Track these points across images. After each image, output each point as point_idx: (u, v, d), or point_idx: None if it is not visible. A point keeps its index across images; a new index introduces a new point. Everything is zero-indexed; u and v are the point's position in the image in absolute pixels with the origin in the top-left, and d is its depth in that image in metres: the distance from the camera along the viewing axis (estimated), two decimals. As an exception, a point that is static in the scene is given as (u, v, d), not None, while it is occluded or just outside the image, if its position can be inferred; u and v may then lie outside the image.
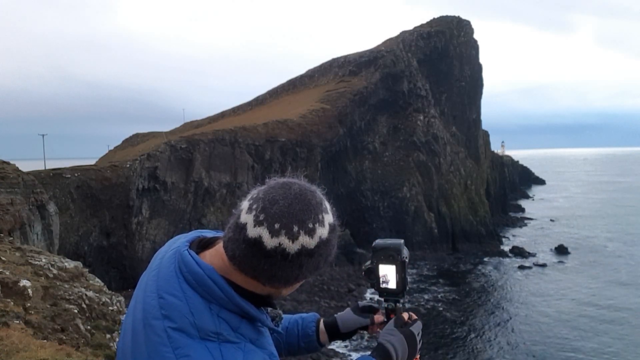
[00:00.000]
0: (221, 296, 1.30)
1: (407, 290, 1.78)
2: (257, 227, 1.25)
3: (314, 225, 1.27)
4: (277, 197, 1.28)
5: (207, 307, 1.29)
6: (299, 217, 1.26)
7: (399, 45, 65.37)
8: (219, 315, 1.29)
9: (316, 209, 1.30)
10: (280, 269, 1.28)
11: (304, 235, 1.26)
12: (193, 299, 1.30)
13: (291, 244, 1.25)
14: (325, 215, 1.32)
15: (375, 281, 1.77)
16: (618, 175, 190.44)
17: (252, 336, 1.34)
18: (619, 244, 59.97)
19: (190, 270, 1.33)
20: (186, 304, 1.29)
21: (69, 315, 8.10)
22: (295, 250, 1.25)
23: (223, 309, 1.31)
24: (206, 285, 1.31)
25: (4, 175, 22.81)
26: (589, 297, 40.29)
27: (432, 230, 55.40)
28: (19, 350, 5.68)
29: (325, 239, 1.30)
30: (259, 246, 1.25)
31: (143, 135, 77.59)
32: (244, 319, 1.34)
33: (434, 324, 34.67)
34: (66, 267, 10.60)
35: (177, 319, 1.27)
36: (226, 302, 1.30)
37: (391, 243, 1.77)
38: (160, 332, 1.26)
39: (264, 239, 1.24)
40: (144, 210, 39.52)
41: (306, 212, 1.28)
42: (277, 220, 1.25)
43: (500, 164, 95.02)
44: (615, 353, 29.79)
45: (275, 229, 1.24)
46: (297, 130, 50.42)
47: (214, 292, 1.30)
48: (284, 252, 1.25)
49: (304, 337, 1.84)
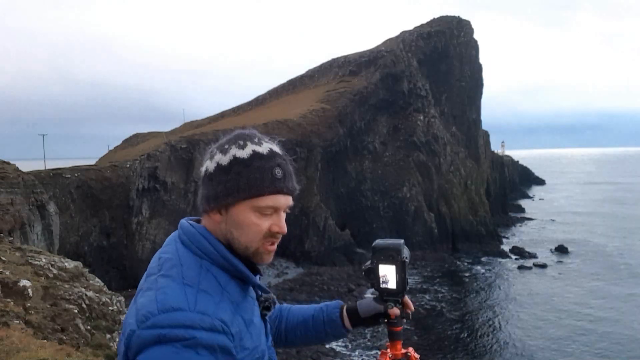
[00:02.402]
0: (211, 250, 1.44)
1: (407, 291, 1.78)
2: (208, 161, 1.52)
3: (229, 146, 1.49)
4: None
5: (198, 262, 1.43)
6: (219, 144, 1.52)
7: (399, 45, 65.35)
8: (208, 270, 1.42)
9: (238, 137, 1.52)
10: (205, 188, 1.50)
11: (219, 153, 1.49)
12: (185, 254, 1.44)
13: (209, 163, 1.50)
14: (249, 142, 1.50)
15: (375, 281, 1.78)
16: (618, 175, 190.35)
17: (237, 298, 1.45)
18: (619, 244, 59.90)
19: (185, 231, 1.49)
20: (178, 258, 1.43)
21: (69, 315, 8.12)
22: (212, 168, 1.48)
23: (214, 265, 1.43)
24: (197, 240, 1.46)
25: (4, 175, 22.85)
26: (589, 297, 40.28)
27: (432, 230, 55.40)
28: (19, 350, 5.68)
29: (241, 158, 1.47)
30: (208, 173, 1.50)
31: (143, 135, 77.61)
32: (233, 279, 1.46)
33: (434, 324, 34.69)
34: (66, 267, 10.63)
35: (167, 269, 1.41)
36: (216, 256, 1.44)
37: (391, 243, 1.78)
38: (152, 281, 1.40)
39: (209, 166, 1.50)
40: (144, 210, 39.55)
41: (228, 140, 1.52)
42: (217, 148, 1.52)
43: (501, 164, 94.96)
44: (615, 353, 29.81)
45: (213, 154, 1.51)
46: (297, 130, 50.44)
47: (204, 246, 1.45)
48: (206, 172, 1.51)
49: (330, 323, 1.88)
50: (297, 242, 47.86)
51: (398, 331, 1.81)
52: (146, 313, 1.30)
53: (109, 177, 38.11)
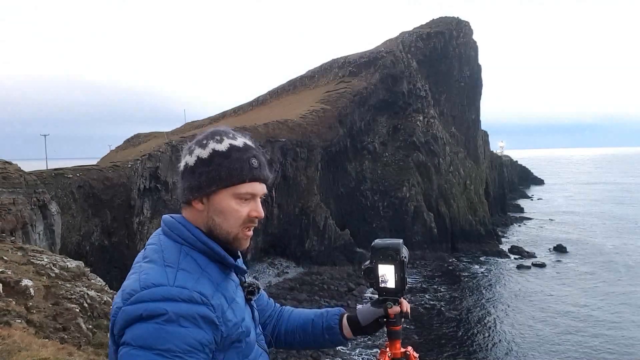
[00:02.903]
0: (189, 235, 1.55)
1: (406, 290, 1.78)
2: (188, 156, 1.61)
3: (207, 141, 1.59)
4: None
5: (178, 248, 1.54)
6: (197, 140, 1.62)
7: (398, 46, 65.40)
8: (187, 254, 1.53)
9: (213, 133, 1.62)
10: (186, 180, 1.60)
11: (197, 148, 1.59)
12: (166, 242, 1.56)
13: (189, 157, 1.59)
14: (225, 137, 1.60)
15: (375, 281, 1.79)
16: (617, 175, 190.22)
17: (217, 279, 1.54)
18: (618, 243, 59.92)
19: (166, 222, 1.62)
20: (160, 245, 1.55)
21: (70, 315, 8.16)
22: (192, 162, 1.58)
23: (194, 250, 1.54)
24: (176, 228, 1.57)
25: (6, 175, 22.90)
26: (587, 297, 40.35)
27: (431, 230, 55.43)
28: (20, 350, 5.71)
29: (220, 151, 1.57)
30: (189, 166, 1.60)
31: (144, 135, 77.60)
32: (212, 262, 1.56)
33: (434, 323, 34.76)
34: (68, 266, 10.70)
35: (150, 255, 1.53)
36: (194, 240, 1.54)
37: (390, 243, 1.79)
38: (136, 267, 1.52)
39: (189, 160, 1.60)
40: (145, 210, 39.57)
41: (204, 136, 1.62)
42: (195, 144, 1.62)
43: (500, 164, 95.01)
44: (614, 352, 29.88)
45: (192, 149, 1.61)
46: (297, 131, 50.45)
47: (182, 233, 1.56)
48: (186, 166, 1.60)
49: (328, 330, 1.90)
50: (297, 242, 47.91)
51: (397, 330, 1.83)
52: (130, 291, 1.41)
53: (111, 177, 38.14)
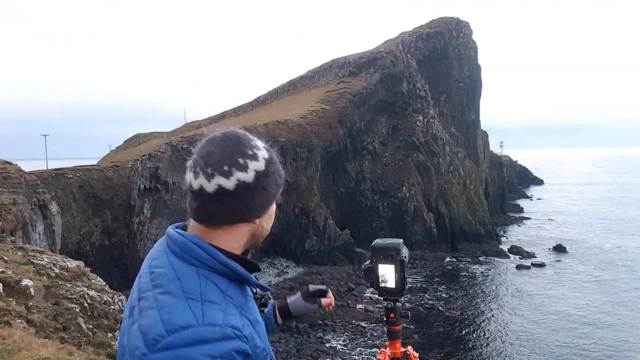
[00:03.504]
0: (206, 257, 1.39)
1: (406, 290, 1.80)
2: (197, 179, 1.40)
3: (245, 161, 1.40)
4: (205, 149, 1.44)
5: (195, 272, 1.38)
6: (228, 158, 1.40)
7: (398, 46, 65.45)
8: (207, 278, 1.38)
9: (243, 147, 1.43)
10: (229, 206, 1.41)
11: (238, 171, 1.39)
12: (179, 266, 1.39)
13: (228, 181, 1.38)
14: (256, 150, 1.45)
15: (375, 280, 1.82)
16: (616, 175, 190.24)
17: (239, 301, 1.42)
18: (617, 243, 60.02)
19: (176, 241, 1.44)
20: (173, 271, 1.38)
21: (70, 314, 8.19)
22: (234, 185, 1.38)
23: (212, 272, 1.39)
24: (190, 249, 1.41)
25: (6, 175, 22.93)
26: (587, 297, 40.36)
27: (431, 230, 55.48)
28: (21, 349, 5.74)
29: (262, 171, 1.43)
30: (204, 194, 1.39)
31: (144, 135, 77.73)
32: (233, 282, 1.43)
33: (433, 323, 34.79)
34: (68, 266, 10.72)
35: (165, 285, 1.35)
36: (212, 262, 1.39)
37: (390, 243, 1.82)
38: (150, 299, 1.35)
39: (205, 186, 1.39)
40: (145, 210, 39.61)
41: (234, 151, 1.41)
42: (209, 166, 1.39)
43: (499, 164, 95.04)
44: (615, 352, 29.90)
45: (210, 174, 1.38)
46: (297, 131, 50.49)
47: (198, 254, 1.40)
48: (224, 191, 1.38)
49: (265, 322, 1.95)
50: (297, 242, 47.96)
51: (397, 330, 1.86)
52: (155, 336, 1.25)
53: (111, 177, 38.19)
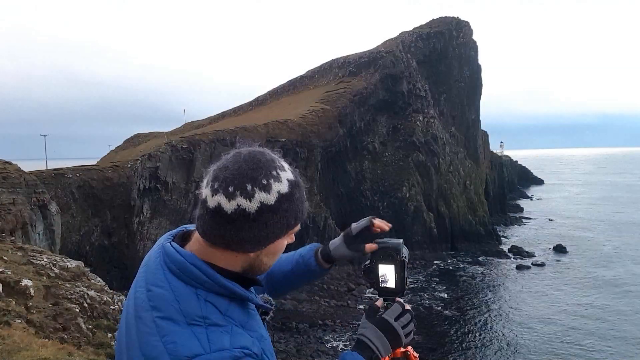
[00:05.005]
0: (205, 279, 1.32)
1: (406, 290, 1.78)
2: (215, 196, 1.29)
3: (268, 181, 1.30)
4: (227, 164, 1.33)
5: (193, 293, 1.31)
6: (251, 176, 1.29)
7: (398, 46, 65.46)
8: (206, 300, 1.31)
9: (268, 167, 1.33)
10: (246, 230, 1.31)
11: (260, 192, 1.29)
12: (178, 287, 1.32)
13: (249, 203, 1.28)
14: (280, 171, 1.35)
15: (375, 280, 1.78)
16: (617, 175, 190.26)
17: (241, 319, 1.35)
18: (617, 243, 60.03)
19: (173, 260, 1.36)
20: (171, 293, 1.30)
21: (70, 315, 8.20)
22: (256, 209, 1.28)
23: (210, 293, 1.32)
24: (189, 270, 1.33)
25: (6, 176, 22.96)
26: (587, 296, 40.39)
27: (431, 230, 55.49)
28: (20, 350, 5.76)
29: (285, 193, 1.33)
30: (221, 213, 1.29)
31: (144, 135, 77.80)
32: (233, 301, 1.35)
33: (433, 323, 34.80)
34: (68, 266, 10.75)
35: (163, 308, 1.28)
36: (211, 284, 1.32)
37: (390, 243, 1.79)
38: (149, 322, 1.28)
39: (223, 204, 1.28)
40: (145, 210, 39.64)
41: (257, 170, 1.30)
42: (230, 184, 1.28)
43: (499, 164, 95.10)
44: (614, 352, 29.92)
45: (231, 192, 1.28)
46: (297, 131, 50.51)
47: (197, 276, 1.32)
48: (245, 213, 1.28)
49: (310, 273, 1.93)
50: (297, 242, 47.81)
51: None
52: None
53: (111, 177, 38.22)
